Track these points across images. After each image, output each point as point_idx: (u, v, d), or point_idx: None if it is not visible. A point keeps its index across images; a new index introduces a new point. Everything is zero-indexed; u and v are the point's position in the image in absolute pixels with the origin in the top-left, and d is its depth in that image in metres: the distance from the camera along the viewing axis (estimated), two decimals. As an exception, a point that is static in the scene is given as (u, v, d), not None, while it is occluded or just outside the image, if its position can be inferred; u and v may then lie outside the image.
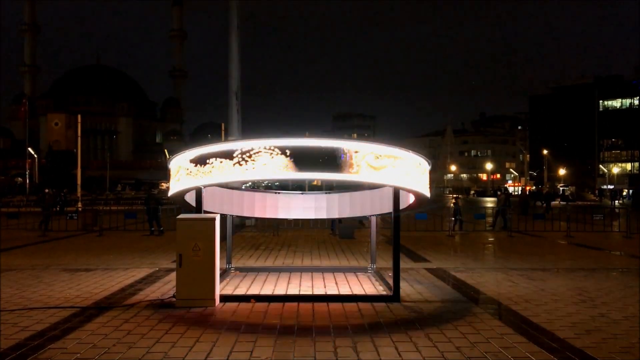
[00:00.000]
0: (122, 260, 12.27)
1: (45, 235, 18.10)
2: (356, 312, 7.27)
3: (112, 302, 7.84)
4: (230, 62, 21.99)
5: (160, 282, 9.43)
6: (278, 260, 12.48)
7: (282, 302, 7.77)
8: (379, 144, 7.43)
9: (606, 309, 7.51)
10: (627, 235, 18.03)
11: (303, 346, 5.75)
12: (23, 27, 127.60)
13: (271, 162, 7.05)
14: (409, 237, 16.42)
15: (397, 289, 7.92)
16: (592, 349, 5.69)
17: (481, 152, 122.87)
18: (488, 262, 12.47)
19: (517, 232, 18.80)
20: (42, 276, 10.02)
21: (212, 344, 5.81)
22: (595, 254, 13.88)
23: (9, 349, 5.61)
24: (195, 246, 7.45)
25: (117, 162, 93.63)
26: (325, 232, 18.77)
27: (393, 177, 7.43)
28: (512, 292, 8.65)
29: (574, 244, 15.93)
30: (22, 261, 12.03)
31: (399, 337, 6.10)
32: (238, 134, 21.65)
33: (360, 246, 14.99)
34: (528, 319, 6.95)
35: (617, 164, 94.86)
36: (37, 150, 75.06)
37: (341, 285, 9.09)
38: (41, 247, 15.14)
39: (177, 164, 7.87)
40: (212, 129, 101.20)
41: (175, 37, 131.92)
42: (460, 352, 5.58)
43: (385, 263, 11.10)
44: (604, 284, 9.43)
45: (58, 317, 6.94)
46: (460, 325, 6.58)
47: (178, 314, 7.09)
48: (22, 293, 8.50)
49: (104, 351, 5.56)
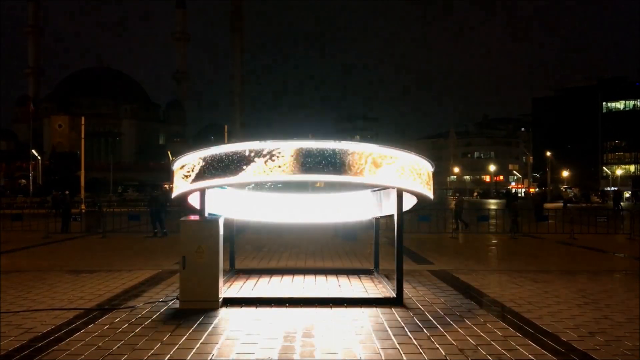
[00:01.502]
0: (126, 262, 12.30)
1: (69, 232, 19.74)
2: (359, 314, 7.27)
3: (115, 304, 7.86)
4: (233, 65, 22.02)
5: (163, 284, 9.44)
6: (281, 262, 12.49)
7: (284, 304, 7.77)
8: (383, 146, 7.45)
9: (609, 312, 7.50)
10: (630, 237, 18.00)
11: (306, 348, 5.76)
12: (27, 29, 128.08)
13: (277, 164, 7.06)
14: (412, 239, 16.41)
15: (400, 291, 7.91)
16: (596, 352, 5.68)
17: (484, 154, 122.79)
18: (491, 264, 12.46)
19: (520, 235, 18.77)
20: (46, 278, 10.05)
21: (216, 346, 5.83)
22: (598, 256, 13.85)
23: (13, 351, 5.63)
24: (198, 248, 7.47)
25: (120, 164, 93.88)
26: (328, 234, 18.76)
27: (396, 179, 7.45)
28: (516, 294, 8.64)
29: (578, 246, 15.90)
30: (26, 263, 12.07)
31: (402, 340, 6.10)
32: (241, 135, 21.65)
33: (363, 248, 14.98)
34: (531, 321, 6.94)
35: (621, 165, 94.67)
36: (41, 152, 75.37)
37: (344, 288, 9.10)
38: (44, 248, 15.18)
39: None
40: (215, 131, 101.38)
41: (179, 39, 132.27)
42: (464, 354, 5.58)
43: (388, 265, 11.09)
44: (607, 286, 9.41)
45: (62, 319, 6.96)
46: (463, 328, 6.57)
47: (181, 316, 7.10)
48: (26, 295, 8.53)
49: (107, 353, 5.57)
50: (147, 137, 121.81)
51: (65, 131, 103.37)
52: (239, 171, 7.18)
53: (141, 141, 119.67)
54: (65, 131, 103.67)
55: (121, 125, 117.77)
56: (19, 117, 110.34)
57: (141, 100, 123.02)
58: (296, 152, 7.11)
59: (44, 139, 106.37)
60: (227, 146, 7.58)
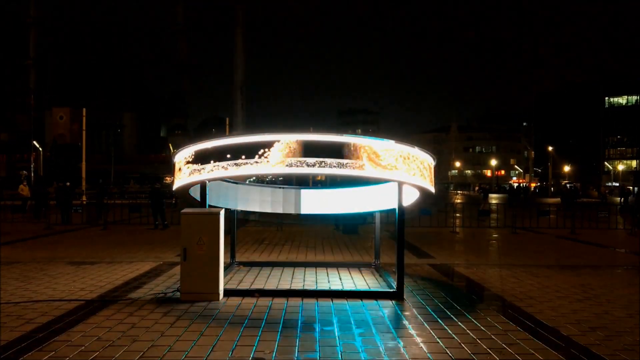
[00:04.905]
0: (127, 253, 12.31)
1: (70, 223, 19.64)
2: (360, 307, 7.27)
3: (116, 296, 7.87)
4: (235, 57, 21.99)
5: (164, 276, 9.45)
6: (282, 255, 12.49)
7: (285, 296, 7.78)
8: (384, 140, 7.42)
9: (610, 306, 7.50)
10: (631, 232, 18.00)
11: (307, 341, 5.76)
12: (28, 20, 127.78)
13: (279, 156, 7.04)
14: (413, 233, 16.40)
15: (401, 284, 7.91)
16: (596, 346, 5.68)
17: (486, 149, 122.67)
18: (492, 259, 12.46)
19: (521, 229, 18.76)
20: (47, 269, 10.07)
21: (216, 337, 5.83)
22: (599, 251, 13.84)
23: (14, 341, 5.64)
24: (199, 240, 7.46)
25: (121, 156, 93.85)
26: (329, 227, 18.77)
27: (397, 173, 7.42)
28: (516, 289, 8.64)
29: (579, 241, 15.89)
30: (27, 254, 12.09)
31: (403, 333, 6.10)
32: (242, 128, 21.67)
33: (364, 241, 14.99)
34: (532, 315, 6.94)
35: (623, 161, 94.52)
36: (42, 143, 75.30)
37: (345, 281, 9.10)
38: (46, 240, 15.20)
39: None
40: (216, 124, 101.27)
41: (181, 31, 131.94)
42: (464, 348, 5.58)
43: (389, 259, 11.11)
44: (608, 281, 9.41)
45: (63, 310, 6.98)
46: (464, 322, 6.57)
47: (182, 308, 7.10)
48: (26, 285, 8.54)
49: (108, 344, 5.58)
50: (149, 129, 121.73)
51: (67, 123, 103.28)
52: (240, 164, 7.16)
53: (142, 133, 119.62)
54: (66, 123, 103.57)
55: (122, 117, 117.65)
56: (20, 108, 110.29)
57: (142, 92, 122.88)
58: (298, 145, 7.08)
59: (45, 130, 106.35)
60: (229, 139, 7.57)
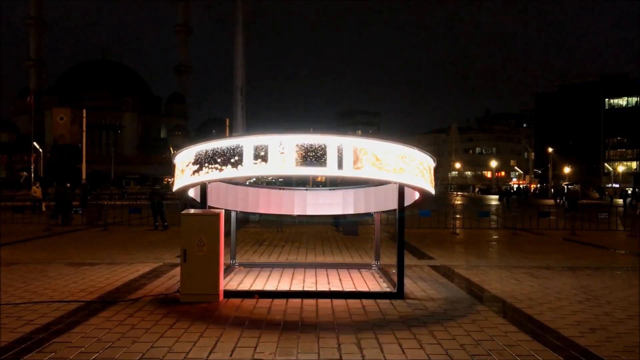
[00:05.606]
0: (127, 255, 12.31)
1: (70, 224, 19.83)
2: (360, 308, 7.27)
3: (116, 297, 7.86)
4: (235, 58, 21.99)
5: (164, 277, 9.45)
6: (282, 256, 12.49)
7: (285, 298, 7.77)
8: (384, 141, 7.41)
9: (610, 308, 7.49)
10: (631, 234, 17.99)
11: (307, 342, 5.76)
12: (28, 21, 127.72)
13: (278, 157, 7.03)
14: (413, 234, 16.41)
15: (401, 286, 7.91)
16: (596, 348, 5.67)
17: (486, 150, 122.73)
18: (492, 260, 12.45)
19: (521, 230, 18.76)
20: (47, 270, 10.06)
21: (216, 339, 5.82)
22: (599, 253, 13.84)
23: (13, 342, 5.63)
24: (199, 241, 7.46)
25: (121, 156, 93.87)
26: (329, 228, 18.78)
27: (397, 174, 7.41)
28: (516, 290, 8.63)
29: (579, 242, 15.89)
30: (27, 255, 12.08)
31: (403, 334, 6.09)
32: (242, 129, 21.68)
33: (364, 242, 14.99)
34: (532, 317, 6.94)
35: (623, 162, 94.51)
36: (42, 144, 75.33)
37: (345, 282, 9.09)
38: (46, 241, 15.20)
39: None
40: (216, 125, 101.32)
41: (181, 32, 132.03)
42: (465, 349, 5.58)
43: (389, 260, 11.10)
44: (608, 283, 9.40)
45: (62, 311, 6.97)
46: (464, 323, 6.57)
47: (182, 309, 7.10)
48: (26, 287, 8.53)
49: (108, 345, 5.58)
50: (149, 130, 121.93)
51: (67, 124, 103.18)
52: (239, 164, 7.15)
53: (143, 134, 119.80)
54: (66, 124, 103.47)
55: (122, 118, 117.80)
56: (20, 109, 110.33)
57: (143, 93, 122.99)
58: (296, 146, 7.07)
59: (46, 131, 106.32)
60: (228, 140, 7.55)
